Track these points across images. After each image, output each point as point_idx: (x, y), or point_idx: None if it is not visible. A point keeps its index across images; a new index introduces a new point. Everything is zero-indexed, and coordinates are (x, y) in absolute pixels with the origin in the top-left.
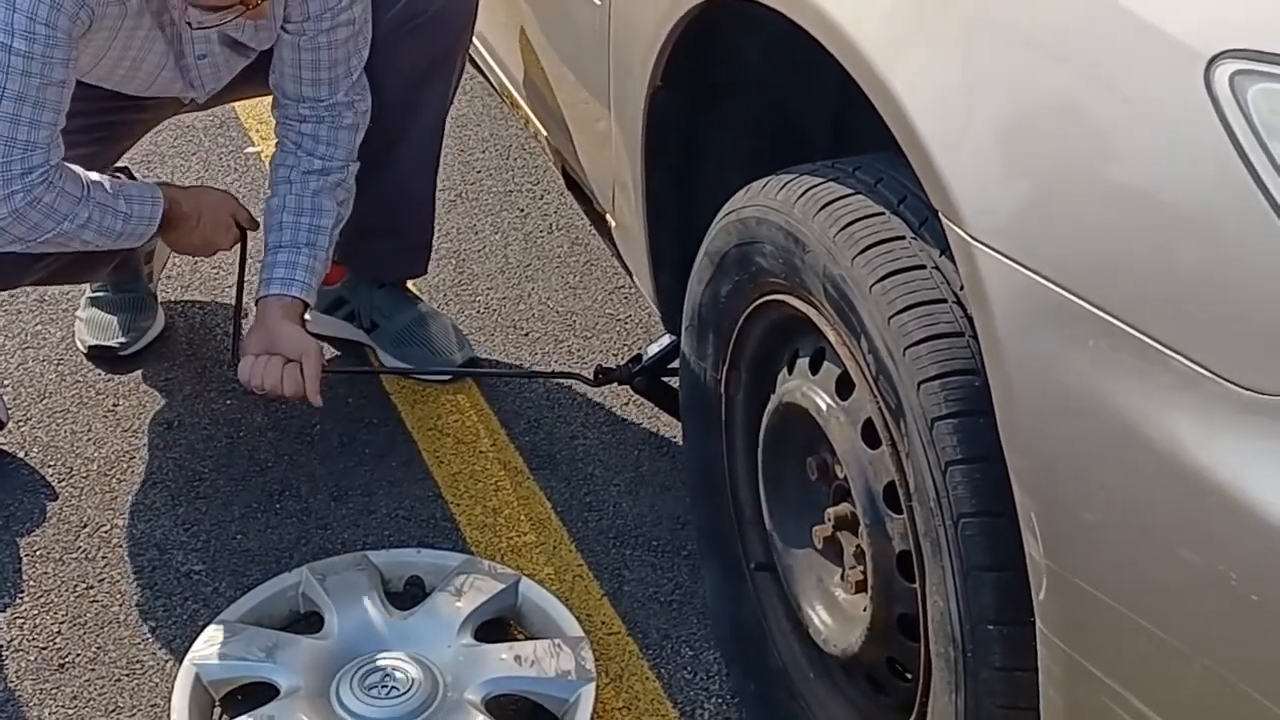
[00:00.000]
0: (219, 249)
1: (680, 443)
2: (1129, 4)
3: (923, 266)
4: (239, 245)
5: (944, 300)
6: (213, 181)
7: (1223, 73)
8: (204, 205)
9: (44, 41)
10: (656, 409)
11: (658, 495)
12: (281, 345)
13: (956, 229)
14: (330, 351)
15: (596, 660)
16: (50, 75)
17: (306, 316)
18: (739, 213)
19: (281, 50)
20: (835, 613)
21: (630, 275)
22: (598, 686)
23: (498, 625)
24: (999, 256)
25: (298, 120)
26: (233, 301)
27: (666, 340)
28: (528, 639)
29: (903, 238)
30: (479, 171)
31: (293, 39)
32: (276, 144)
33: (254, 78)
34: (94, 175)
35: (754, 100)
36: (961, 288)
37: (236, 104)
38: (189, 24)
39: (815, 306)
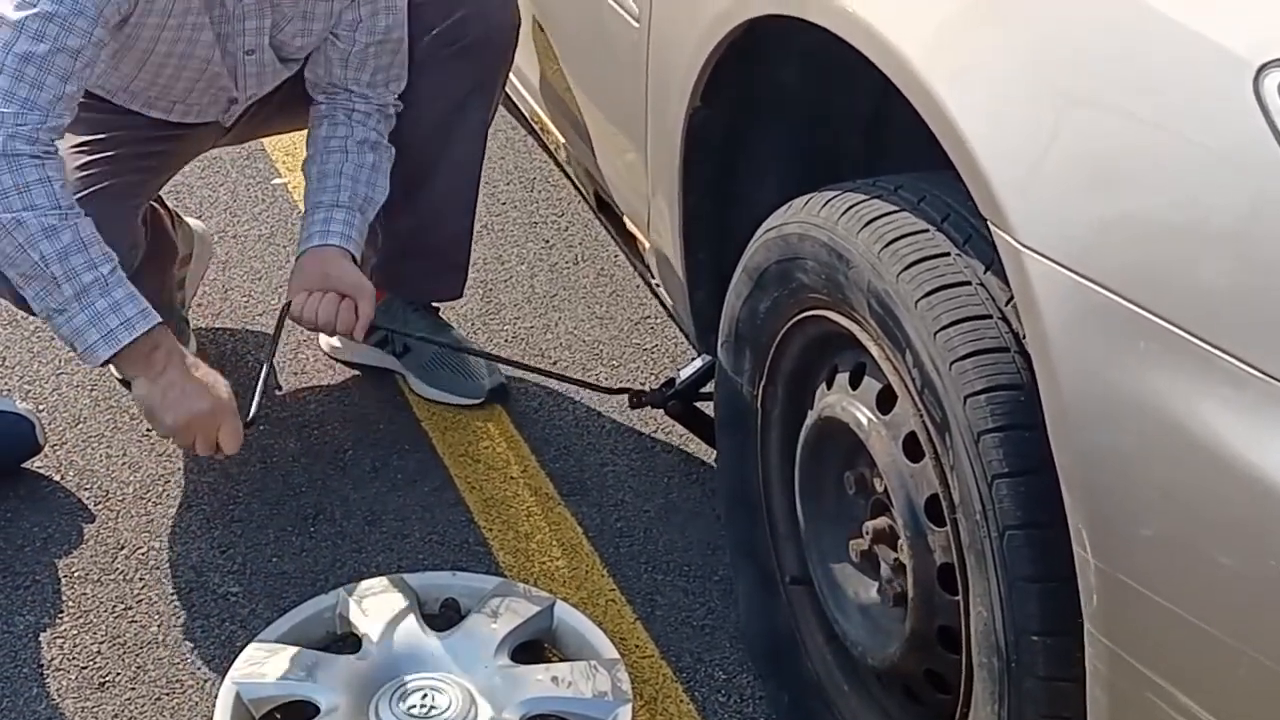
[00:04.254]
0: (218, 410)
1: (711, 469)
2: (1177, 14)
3: (968, 283)
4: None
5: (989, 316)
6: (241, 213)
7: (1272, 81)
8: (198, 364)
9: (70, 6)
10: (685, 436)
11: (688, 521)
12: (340, 283)
13: (1006, 237)
14: (359, 378)
15: (631, 683)
16: (65, 41)
17: (336, 343)
18: (780, 229)
19: (331, 51)
20: (872, 626)
21: (659, 299)
22: (633, 709)
23: (533, 648)
24: (1049, 263)
25: (348, 102)
26: (261, 328)
27: (699, 363)
28: (563, 661)
29: (947, 254)
30: (504, 203)
31: (344, 45)
32: (321, 121)
33: (289, 108)
34: (94, 230)
35: (789, 118)
36: (1008, 302)
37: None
38: None
39: (858, 322)
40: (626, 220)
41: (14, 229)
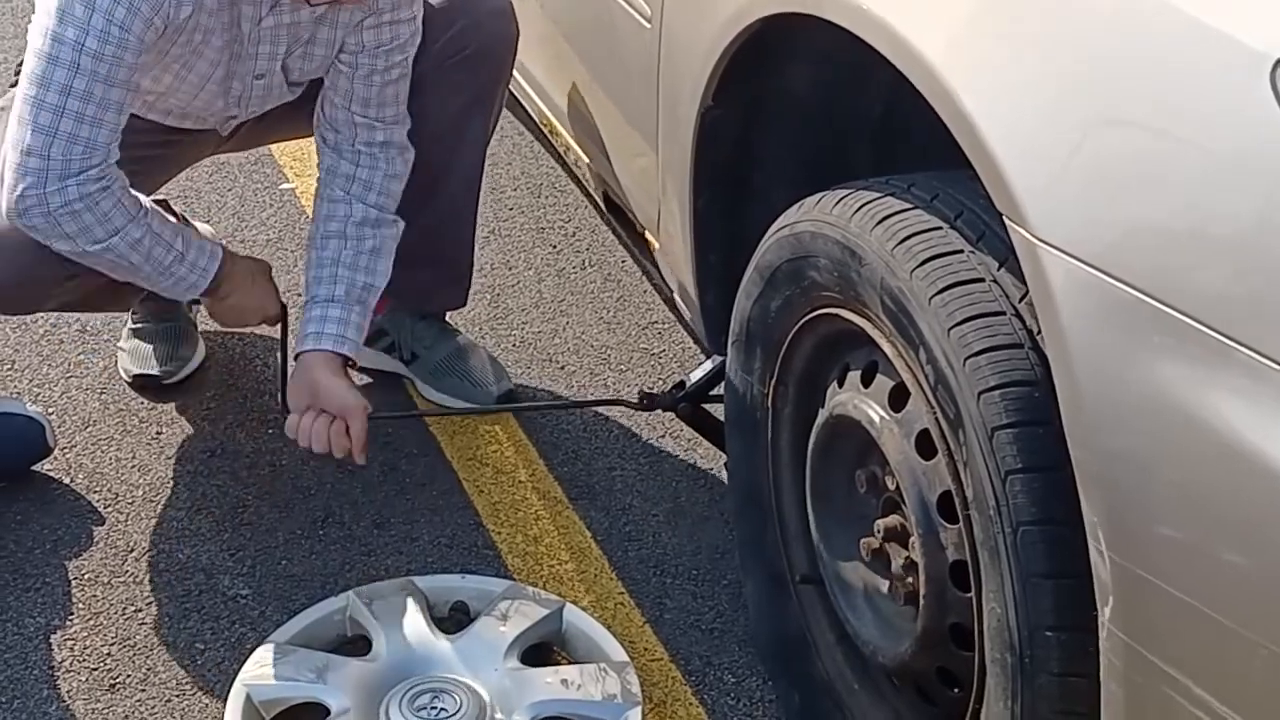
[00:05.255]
0: (266, 317)
1: (719, 473)
2: (1192, 9)
3: (981, 280)
4: (280, 322)
5: (1003, 313)
6: (249, 218)
7: None
8: (256, 270)
9: (116, 43)
10: (693, 440)
11: (697, 525)
12: (328, 402)
13: (1023, 232)
14: (368, 382)
15: (640, 686)
16: (115, 76)
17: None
18: (792, 227)
19: (337, 81)
20: (884, 624)
21: (668, 302)
22: (643, 711)
23: (542, 650)
24: (1065, 257)
25: (353, 162)
26: (269, 332)
27: (709, 365)
28: (572, 664)
29: (961, 251)
30: (511, 209)
31: (348, 71)
32: (322, 197)
33: (292, 117)
34: (159, 209)
35: (801, 118)
36: (1021, 299)
37: None
38: (309, 2)
39: (870, 319)
40: (637, 222)
41: (104, 254)
